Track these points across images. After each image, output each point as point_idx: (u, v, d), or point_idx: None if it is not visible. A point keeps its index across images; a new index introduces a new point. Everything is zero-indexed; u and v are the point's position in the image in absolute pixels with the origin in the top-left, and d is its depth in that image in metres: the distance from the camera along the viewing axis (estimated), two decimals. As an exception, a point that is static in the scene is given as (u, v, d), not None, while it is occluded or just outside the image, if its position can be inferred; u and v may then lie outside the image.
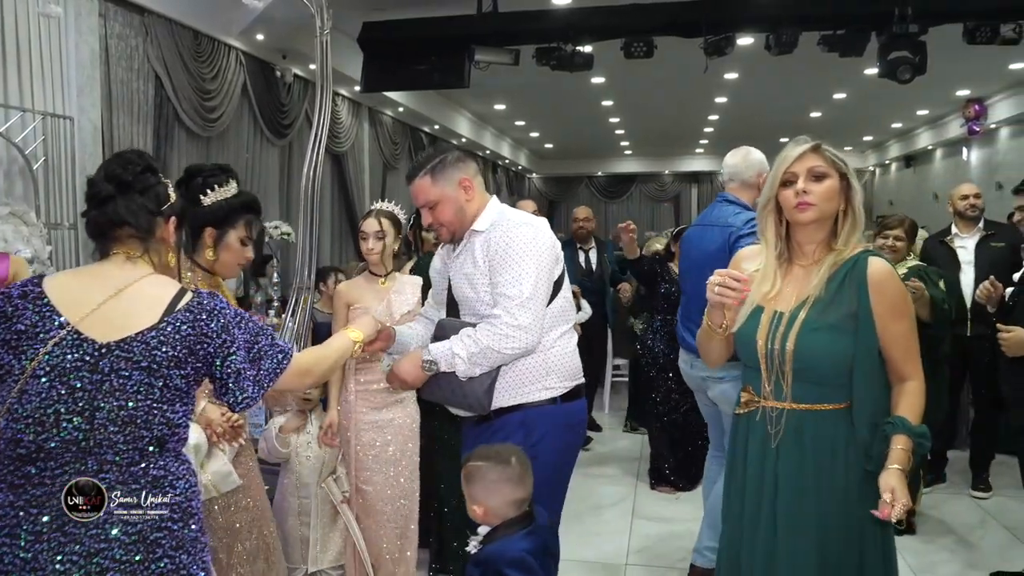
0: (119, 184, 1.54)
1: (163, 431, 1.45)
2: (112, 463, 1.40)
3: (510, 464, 1.93)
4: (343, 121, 9.38)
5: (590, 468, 4.93)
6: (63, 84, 4.96)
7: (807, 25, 6.44)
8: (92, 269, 1.55)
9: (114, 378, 1.41)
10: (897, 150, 16.38)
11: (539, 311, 2.12)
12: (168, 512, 1.44)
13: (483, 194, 2.30)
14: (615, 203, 21.11)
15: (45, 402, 1.38)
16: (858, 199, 1.89)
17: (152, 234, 1.58)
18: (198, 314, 1.50)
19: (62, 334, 1.40)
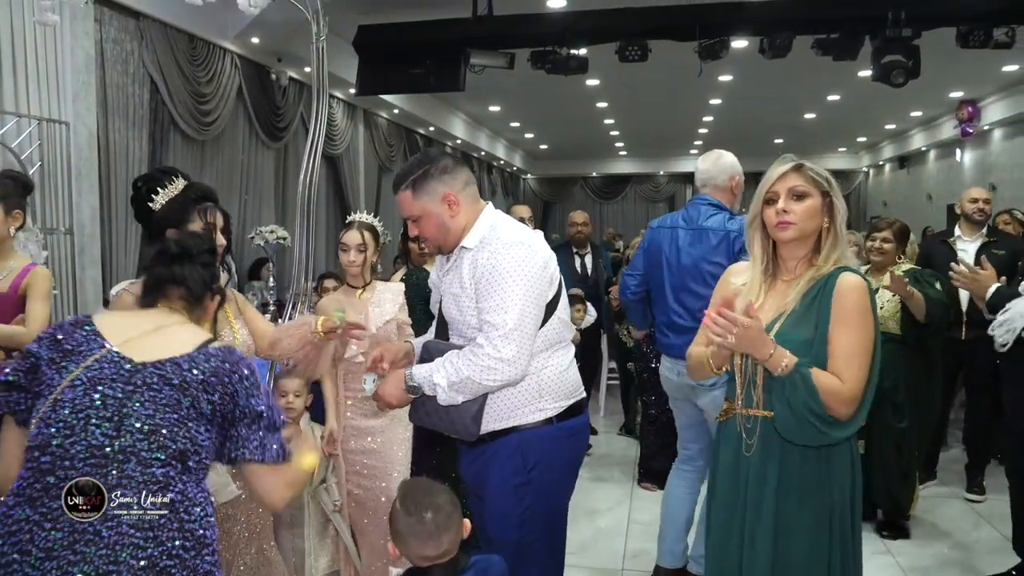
0: (187, 252, 1.73)
1: (186, 445, 1.48)
2: (131, 478, 1.41)
3: (423, 520, 1.75)
4: (338, 123, 9.38)
5: (585, 471, 4.93)
6: (59, 89, 4.95)
7: (801, 29, 6.47)
8: (138, 312, 1.71)
9: (145, 390, 1.48)
10: (891, 151, 16.44)
11: (524, 342, 2.00)
12: (181, 540, 1.43)
13: (473, 207, 2.15)
14: (610, 204, 21.15)
15: (77, 407, 1.43)
16: (840, 217, 1.92)
17: (201, 303, 1.75)
18: (228, 353, 1.60)
19: (102, 352, 1.51)
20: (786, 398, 1.81)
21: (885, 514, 3.90)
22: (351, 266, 2.99)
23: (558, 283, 2.15)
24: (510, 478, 2.09)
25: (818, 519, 1.89)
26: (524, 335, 2.00)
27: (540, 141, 17.50)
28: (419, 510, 1.77)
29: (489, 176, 17.40)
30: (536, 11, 6.98)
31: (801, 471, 1.90)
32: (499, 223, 2.15)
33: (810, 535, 1.89)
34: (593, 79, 9.65)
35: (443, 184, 2.11)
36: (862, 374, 1.82)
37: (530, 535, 2.12)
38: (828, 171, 1.97)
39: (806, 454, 1.89)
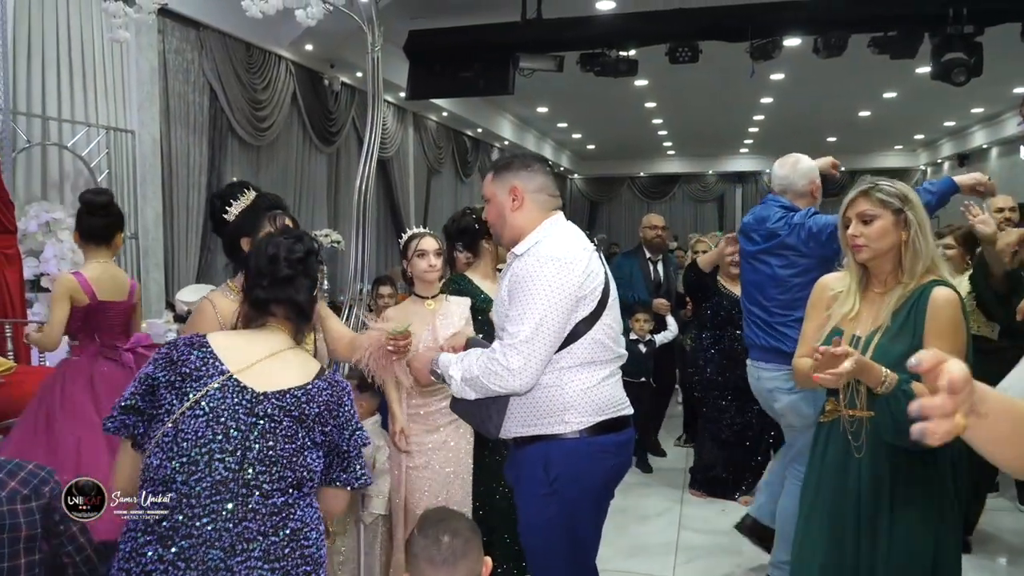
0: (294, 265, 1.67)
1: (303, 474, 1.51)
2: (255, 511, 1.44)
3: (438, 543, 1.61)
4: (388, 127, 9.51)
5: (635, 478, 4.94)
6: (125, 99, 5.15)
7: (856, 27, 6.34)
8: (250, 333, 1.67)
9: (267, 422, 1.49)
10: (950, 148, 15.97)
11: (533, 355, 2.02)
12: (304, 566, 1.49)
13: (538, 212, 2.19)
14: (657, 204, 20.95)
15: (201, 440, 1.43)
16: (915, 231, 2.00)
17: (309, 318, 1.72)
18: (335, 386, 1.62)
19: (222, 379, 1.50)
20: (891, 411, 1.91)
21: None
22: (432, 271, 2.92)
23: (599, 302, 2.13)
24: (536, 487, 2.13)
25: (933, 512, 2.01)
26: (535, 349, 2.02)
27: (587, 141, 17.45)
28: (436, 532, 1.64)
29: (536, 176, 17.39)
30: (585, 14, 6.98)
31: (911, 468, 2.00)
32: (551, 236, 2.16)
33: (928, 527, 2.00)
34: (642, 80, 9.59)
35: (516, 178, 2.21)
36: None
37: (554, 546, 2.14)
38: (892, 181, 2.04)
39: (913, 452, 1.97)
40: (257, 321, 1.66)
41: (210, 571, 1.38)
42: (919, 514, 2.00)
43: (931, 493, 2.01)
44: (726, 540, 3.88)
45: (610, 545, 3.85)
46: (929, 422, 1.15)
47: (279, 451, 1.48)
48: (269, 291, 1.65)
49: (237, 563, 1.40)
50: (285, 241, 1.70)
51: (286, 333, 1.67)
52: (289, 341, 1.66)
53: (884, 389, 1.88)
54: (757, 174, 18.67)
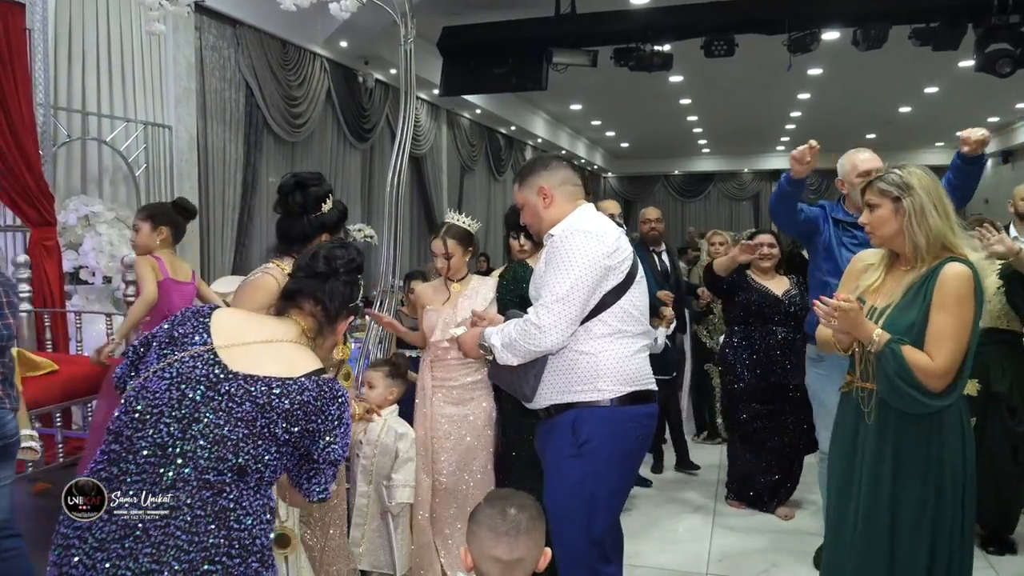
0: (333, 268, 1.69)
1: (248, 461, 1.44)
2: (186, 480, 1.40)
3: (504, 514, 1.61)
4: (422, 124, 9.55)
5: (669, 473, 4.89)
6: (162, 95, 5.23)
7: (897, 19, 6.21)
8: (261, 317, 1.68)
9: (225, 399, 1.46)
10: (995, 145, 15.56)
11: (563, 315, 2.18)
12: (227, 547, 1.41)
13: (568, 203, 2.39)
14: (692, 202, 20.79)
15: (156, 401, 1.43)
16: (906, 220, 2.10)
17: (333, 323, 1.70)
18: (324, 391, 1.54)
19: (201, 349, 1.50)
20: (883, 370, 2.05)
21: (986, 527, 3.69)
22: (440, 271, 3.20)
23: (627, 274, 2.30)
24: (562, 448, 2.27)
25: (928, 490, 2.09)
26: (564, 309, 2.18)
27: (621, 139, 17.36)
28: (504, 505, 1.65)
29: (569, 175, 17.36)
30: (619, 7, 6.92)
31: (916, 443, 2.10)
32: (585, 216, 2.37)
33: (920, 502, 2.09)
34: (676, 75, 9.51)
35: (540, 178, 2.39)
36: (952, 354, 2.02)
37: (574, 508, 2.25)
38: (924, 167, 2.16)
39: (920, 428, 2.09)
40: (284, 312, 1.66)
41: (126, 528, 1.37)
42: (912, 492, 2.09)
43: (931, 472, 2.09)
44: (761, 540, 3.82)
45: (643, 541, 3.81)
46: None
47: (226, 432, 1.43)
48: (301, 282, 1.67)
49: (155, 527, 1.37)
50: (332, 245, 1.75)
51: (301, 328, 1.64)
52: (296, 334, 1.63)
53: (874, 348, 2.04)
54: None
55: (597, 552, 2.31)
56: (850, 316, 2.05)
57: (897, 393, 2.04)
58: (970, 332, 2.04)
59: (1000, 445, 3.56)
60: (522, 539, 1.60)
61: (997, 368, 3.54)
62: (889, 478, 2.12)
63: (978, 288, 2.05)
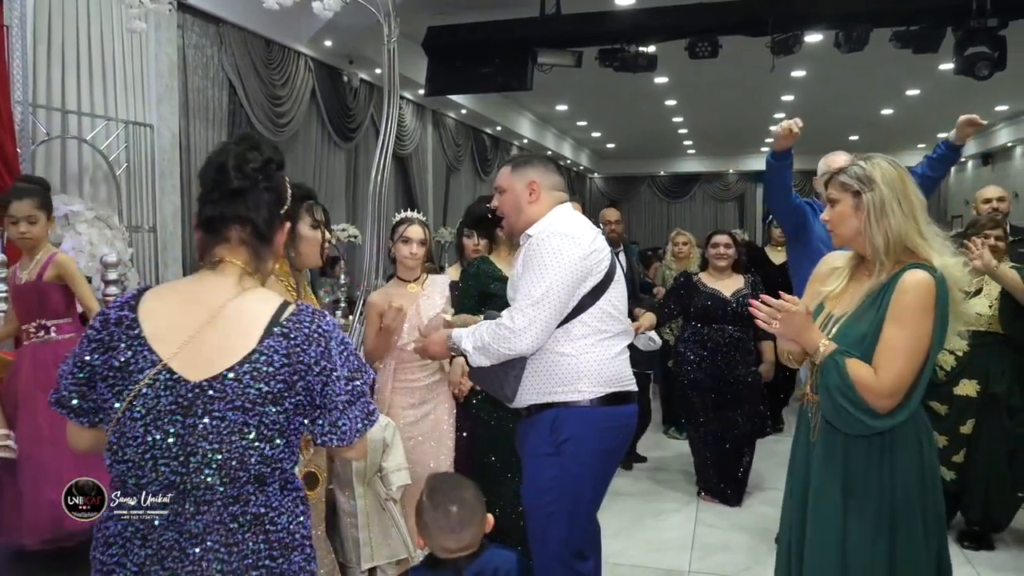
0: (248, 175, 1.41)
1: (261, 469, 1.36)
2: (209, 503, 1.33)
3: (448, 514, 1.82)
4: (407, 124, 9.53)
5: (652, 473, 4.90)
6: (143, 93, 5.19)
7: (878, 21, 6.27)
8: (191, 286, 1.45)
9: (207, 420, 1.32)
10: (974, 147, 15.72)
11: (538, 318, 2.17)
12: (267, 550, 1.36)
13: (551, 200, 2.39)
14: (678, 203, 20.87)
15: (142, 447, 1.32)
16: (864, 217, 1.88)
17: (270, 242, 1.46)
18: (295, 340, 1.37)
19: (153, 373, 1.33)
20: (824, 384, 1.84)
21: (969, 524, 3.72)
22: (412, 258, 3.07)
23: (605, 275, 2.31)
24: (541, 446, 2.28)
25: (882, 520, 1.89)
26: (540, 312, 2.17)
27: (607, 140, 17.40)
28: (445, 503, 1.84)
29: (555, 175, 17.37)
30: (604, 8, 6.94)
31: (865, 466, 1.90)
32: (560, 217, 2.36)
33: (872, 535, 1.90)
34: (661, 76, 9.55)
35: (535, 172, 2.40)
36: (901, 372, 1.80)
37: (550, 506, 2.27)
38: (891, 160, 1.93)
39: (870, 448, 1.89)
40: (211, 250, 1.43)
41: (163, 550, 1.32)
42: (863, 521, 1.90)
43: (880, 493, 1.88)
44: (743, 537, 3.84)
45: (626, 539, 3.83)
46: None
47: (226, 452, 1.32)
48: (219, 206, 1.41)
49: (192, 544, 1.32)
50: (236, 148, 1.44)
51: (235, 273, 1.42)
52: (234, 282, 1.41)
53: (818, 359, 1.85)
54: (778, 173, 18.50)
55: (573, 549, 2.32)
56: (795, 321, 1.85)
57: (836, 411, 1.83)
58: (926, 349, 1.81)
59: (997, 448, 3.55)
60: (466, 530, 1.83)
61: (996, 369, 3.53)
62: (838, 508, 1.91)
63: (941, 298, 1.81)
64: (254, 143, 1.46)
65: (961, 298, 1.87)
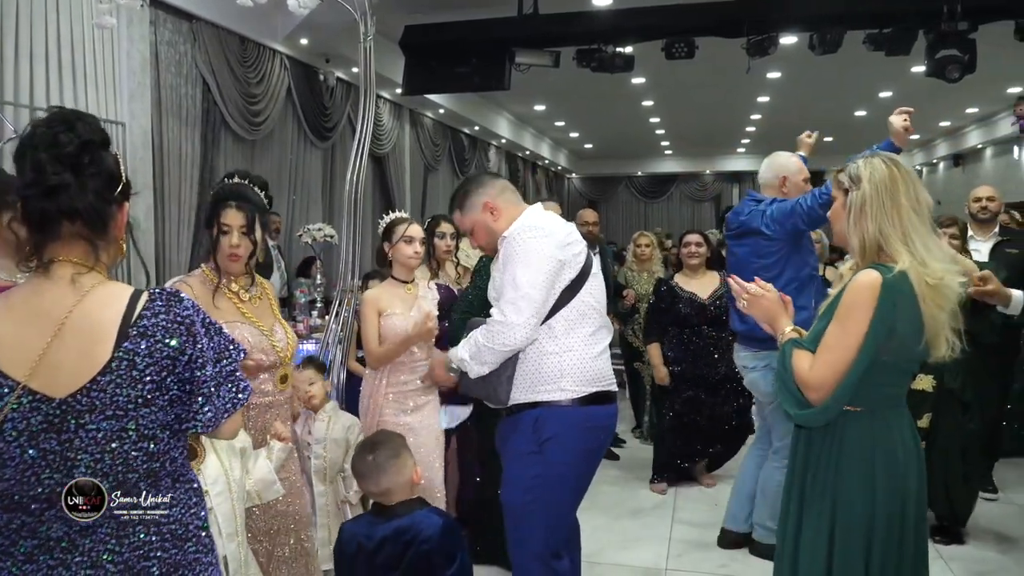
0: (72, 164, 1.28)
1: (149, 466, 1.33)
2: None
3: (364, 460, 2.15)
4: (385, 123, 9.48)
5: (628, 472, 4.92)
6: (115, 90, 5.10)
7: (852, 24, 6.33)
8: (27, 299, 1.31)
9: (83, 433, 1.27)
10: (945, 149, 15.99)
11: (526, 309, 2.20)
12: (159, 540, 1.34)
13: (514, 207, 2.43)
14: (655, 203, 20.98)
15: (21, 466, 1.27)
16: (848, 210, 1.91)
17: (104, 230, 1.34)
18: (154, 336, 1.30)
19: (15, 397, 1.25)
20: (777, 366, 1.97)
21: (939, 519, 3.78)
22: (416, 258, 3.05)
23: (581, 269, 2.34)
24: (523, 446, 2.30)
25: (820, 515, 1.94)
26: (527, 303, 2.20)
27: (585, 140, 17.44)
28: (364, 451, 2.17)
29: (534, 176, 17.41)
30: (581, 9, 6.95)
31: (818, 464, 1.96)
32: (531, 214, 2.41)
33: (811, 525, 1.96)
34: (639, 77, 9.59)
35: (480, 195, 2.42)
36: (828, 367, 1.84)
37: (531, 504, 2.29)
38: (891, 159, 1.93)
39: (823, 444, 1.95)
40: (42, 249, 1.31)
41: (51, 542, 1.30)
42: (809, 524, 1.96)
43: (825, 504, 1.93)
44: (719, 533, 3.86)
45: (603, 538, 3.83)
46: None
47: (109, 459, 1.29)
48: (40, 202, 1.28)
49: (81, 535, 1.30)
50: (46, 132, 1.29)
51: (68, 275, 1.31)
52: (72, 292, 1.30)
53: (779, 344, 1.96)
54: (754, 173, 18.64)
55: (552, 548, 2.33)
56: (761, 303, 2.00)
57: (779, 394, 1.96)
58: (856, 347, 1.81)
59: (952, 444, 3.62)
60: (383, 476, 2.12)
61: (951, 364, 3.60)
62: (798, 503, 1.98)
63: (883, 299, 1.80)
64: (68, 122, 1.30)
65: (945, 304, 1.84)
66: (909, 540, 1.91)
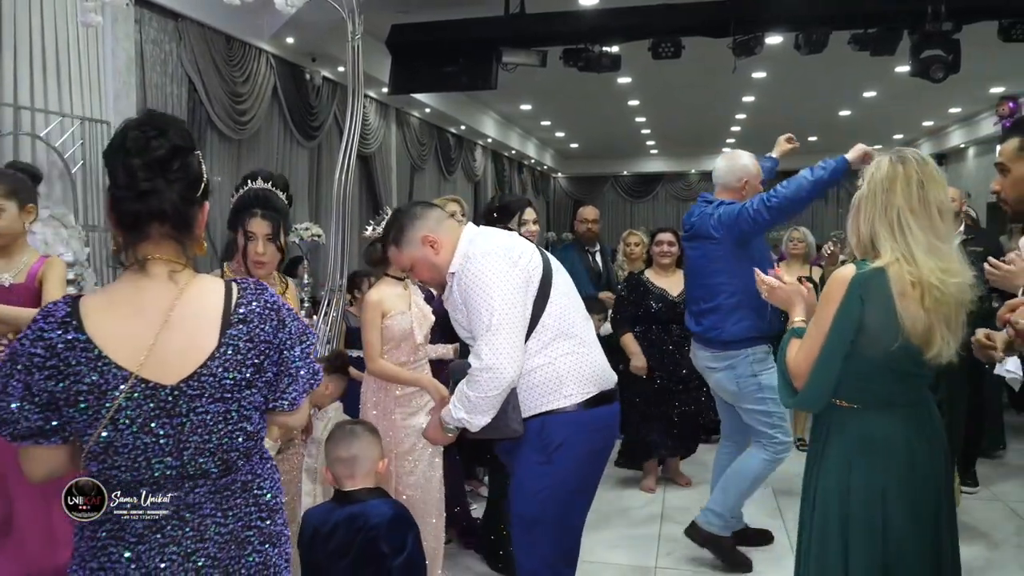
0: (157, 171, 1.35)
1: (247, 444, 1.44)
2: (206, 479, 1.41)
3: (343, 428, 2.27)
4: (371, 123, 9.45)
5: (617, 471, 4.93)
6: (100, 89, 5.06)
7: (837, 24, 6.38)
8: (130, 295, 1.39)
9: (194, 417, 1.36)
10: (928, 148, 16.13)
11: (502, 343, 2.07)
12: (256, 512, 1.46)
13: (452, 234, 2.26)
14: (641, 203, 21.05)
15: (134, 452, 1.34)
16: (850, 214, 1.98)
17: (191, 230, 1.43)
18: (252, 323, 1.42)
19: (128, 386, 1.32)
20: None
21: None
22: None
23: (543, 273, 2.24)
24: (532, 455, 2.22)
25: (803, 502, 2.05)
26: (502, 337, 2.08)
27: (571, 140, 17.47)
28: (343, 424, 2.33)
29: (519, 175, 17.42)
30: (568, 8, 6.97)
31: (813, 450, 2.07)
32: (476, 238, 2.26)
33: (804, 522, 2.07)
34: (625, 77, 9.61)
35: (417, 229, 2.27)
36: (804, 353, 1.93)
37: (544, 514, 2.23)
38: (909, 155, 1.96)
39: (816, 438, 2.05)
40: (133, 247, 1.39)
41: (162, 520, 1.37)
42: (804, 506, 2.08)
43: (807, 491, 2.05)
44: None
45: (593, 537, 3.84)
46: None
47: (216, 440, 1.38)
48: (133, 204, 1.35)
49: (190, 511, 1.39)
50: (139, 137, 1.35)
51: (166, 271, 1.40)
52: (170, 286, 1.39)
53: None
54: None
55: (563, 556, 2.29)
56: (778, 294, 2.12)
57: (778, 379, 2.08)
58: (823, 338, 1.88)
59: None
60: (355, 441, 2.19)
61: None
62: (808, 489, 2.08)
63: (849, 293, 1.85)
64: (159, 127, 1.37)
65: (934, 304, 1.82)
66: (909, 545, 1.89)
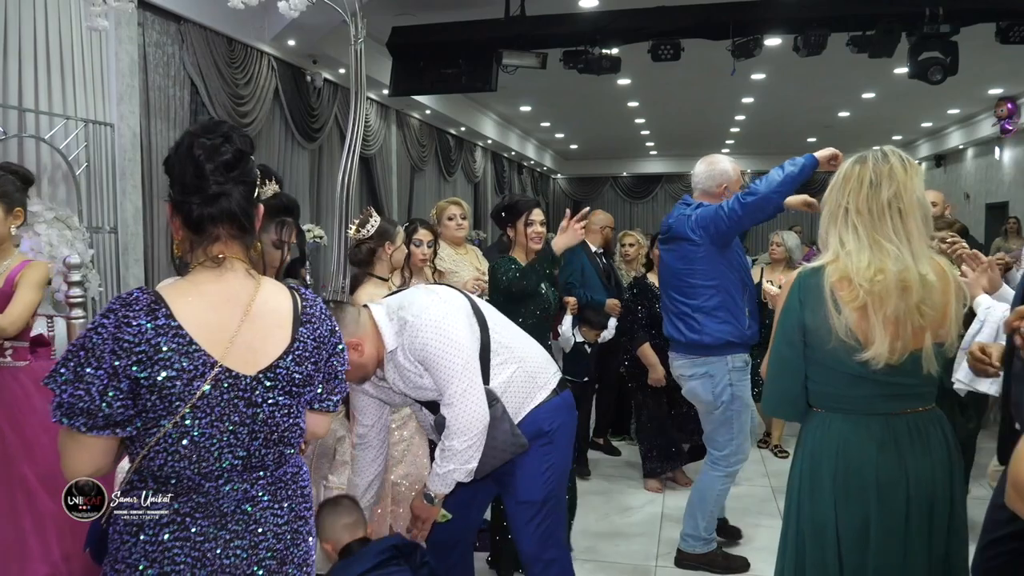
0: (225, 176, 1.42)
1: (299, 440, 1.54)
2: (264, 471, 1.48)
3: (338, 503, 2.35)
4: (371, 124, 9.48)
5: (617, 470, 4.96)
6: (104, 92, 5.09)
7: (836, 26, 6.41)
8: (216, 286, 1.44)
9: (267, 408, 1.43)
10: (927, 149, 16.18)
11: (467, 401, 2.14)
12: (302, 502, 1.55)
13: (369, 326, 2.19)
14: (640, 203, 21.08)
15: (209, 443, 1.37)
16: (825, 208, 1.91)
17: (253, 231, 1.51)
18: (314, 325, 1.52)
19: (214, 374, 1.36)
20: None
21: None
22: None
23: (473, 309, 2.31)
24: (535, 439, 2.33)
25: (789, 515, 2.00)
26: (469, 381, 2.16)
27: (570, 141, 17.49)
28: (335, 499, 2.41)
29: (519, 176, 17.45)
30: (568, 11, 7.00)
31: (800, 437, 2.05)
32: (395, 310, 2.21)
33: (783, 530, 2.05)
34: (624, 78, 9.64)
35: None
36: (768, 359, 1.94)
37: (552, 492, 2.37)
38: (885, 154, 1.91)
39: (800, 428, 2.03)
40: (203, 248, 1.45)
41: (224, 517, 1.42)
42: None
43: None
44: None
45: (593, 535, 3.87)
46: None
47: (281, 432, 1.47)
48: (203, 207, 1.42)
49: (251, 504, 1.45)
50: (207, 143, 1.42)
51: (242, 268, 1.47)
52: (250, 281, 1.47)
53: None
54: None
55: (565, 524, 2.53)
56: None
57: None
58: (778, 336, 1.88)
59: None
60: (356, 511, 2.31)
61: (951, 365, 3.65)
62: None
63: (791, 294, 1.85)
64: (224, 134, 1.44)
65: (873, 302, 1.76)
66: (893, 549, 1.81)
